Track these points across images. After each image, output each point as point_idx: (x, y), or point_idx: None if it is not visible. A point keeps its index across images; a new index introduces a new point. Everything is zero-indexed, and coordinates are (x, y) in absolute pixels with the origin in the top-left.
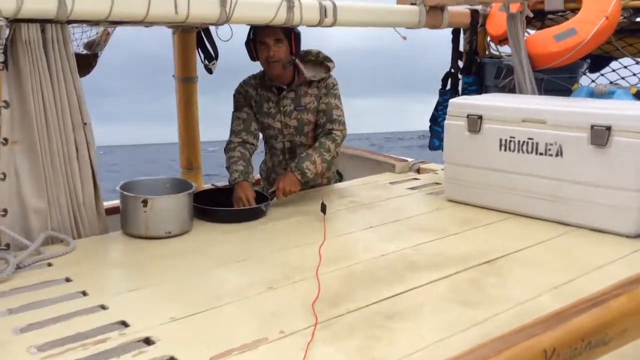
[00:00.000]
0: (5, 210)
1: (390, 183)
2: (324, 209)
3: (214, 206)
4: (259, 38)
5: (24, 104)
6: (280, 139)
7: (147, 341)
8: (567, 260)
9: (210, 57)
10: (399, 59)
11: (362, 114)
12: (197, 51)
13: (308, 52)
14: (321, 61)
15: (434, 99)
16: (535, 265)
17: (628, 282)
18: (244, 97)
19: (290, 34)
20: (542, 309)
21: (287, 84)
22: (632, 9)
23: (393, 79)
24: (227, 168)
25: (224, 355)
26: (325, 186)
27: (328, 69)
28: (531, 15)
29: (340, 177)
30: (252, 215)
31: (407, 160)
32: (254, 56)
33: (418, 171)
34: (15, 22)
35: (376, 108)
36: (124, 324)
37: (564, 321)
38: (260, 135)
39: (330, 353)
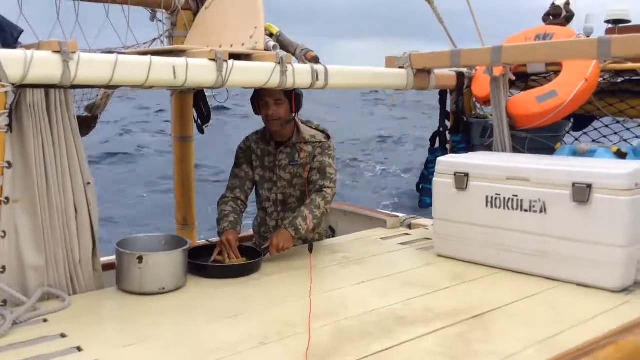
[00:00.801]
0: (3, 267)
1: (381, 238)
2: (310, 247)
3: (209, 262)
4: (261, 96)
5: (26, 164)
6: (273, 191)
7: None
8: (553, 315)
9: (204, 119)
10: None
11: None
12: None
13: (309, 122)
14: (321, 131)
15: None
16: (522, 320)
17: (615, 332)
18: (244, 153)
19: (290, 95)
20: None
21: (285, 140)
22: (611, 72)
23: (387, 19)
24: (218, 221)
25: None
26: (317, 241)
27: (328, 137)
28: (513, 78)
29: (332, 233)
30: (245, 270)
31: (398, 216)
32: (257, 111)
33: (409, 227)
34: (21, 87)
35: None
36: None
37: None
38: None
39: None
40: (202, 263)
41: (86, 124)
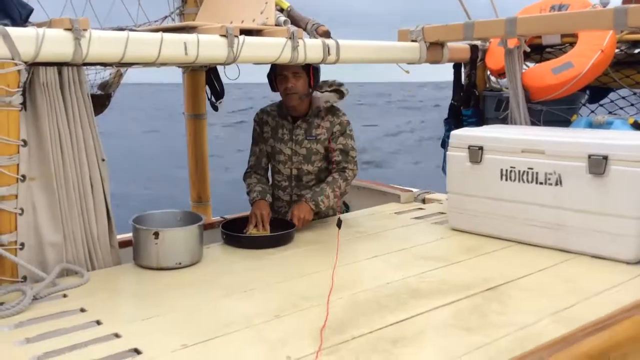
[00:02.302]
0: (22, 244)
1: (395, 213)
2: (339, 224)
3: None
4: (278, 71)
5: (41, 142)
6: (288, 165)
7: None
8: (567, 287)
9: (218, 96)
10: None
11: None
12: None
13: (324, 83)
14: (335, 88)
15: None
16: (537, 292)
17: (632, 307)
18: (259, 126)
19: (308, 68)
20: (543, 333)
21: (302, 114)
22: (628, 42)
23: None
24: (248, 193)
25: None
26: (331, 216)
27: (342, 95)
28: (528, 50)
29: (347, 208)
30: (281, 241)
31: (412, 191)
32: (274, 87)
33: (423, 201)
34: (33, 65)
35: None
36: (137, 351)
37: (571, 344)
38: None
39: None
40: (239, 234)
41: (100, 102)
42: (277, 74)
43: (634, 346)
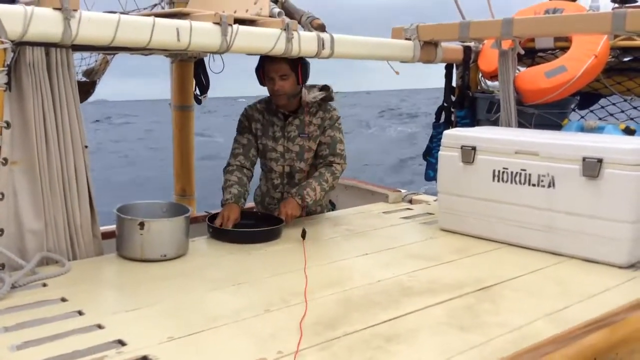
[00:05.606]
0: (2, 230)
1: (383, 212)
2: (304, 234)
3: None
4: (266, 71)
5: (25, 125)
6: (280, 163)
7: None
8: (560, 289)
9: (203, 89)
10: (423, 18)
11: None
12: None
13: (313, 87)
14: (321, 86)
15: None
16: (529, 293)
17: (635, 305)
18: (247, 121)
19: (297, 67)
20: (537, 334)
21: (292, 111)
22: (620, 49)
23: None
24: (223, 189)
25: None
26: (319, 213)
27: (327, 89)
28: (522, 52)
29: (332, 207)
30: (270, 236)
31: (400, 191)
32: (262, 82)
33: (410, 202)
34: (20, 44)
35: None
36: (121, 342)
37: (575, 340)
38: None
39: None
40: (231, 229)
41: (84, 89)
42: (265, 73)
43: None
